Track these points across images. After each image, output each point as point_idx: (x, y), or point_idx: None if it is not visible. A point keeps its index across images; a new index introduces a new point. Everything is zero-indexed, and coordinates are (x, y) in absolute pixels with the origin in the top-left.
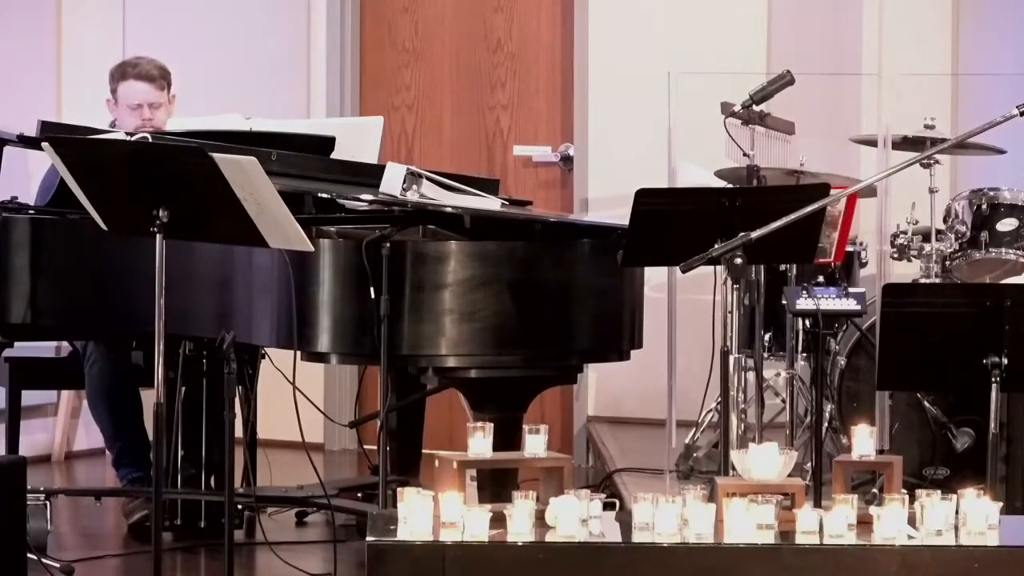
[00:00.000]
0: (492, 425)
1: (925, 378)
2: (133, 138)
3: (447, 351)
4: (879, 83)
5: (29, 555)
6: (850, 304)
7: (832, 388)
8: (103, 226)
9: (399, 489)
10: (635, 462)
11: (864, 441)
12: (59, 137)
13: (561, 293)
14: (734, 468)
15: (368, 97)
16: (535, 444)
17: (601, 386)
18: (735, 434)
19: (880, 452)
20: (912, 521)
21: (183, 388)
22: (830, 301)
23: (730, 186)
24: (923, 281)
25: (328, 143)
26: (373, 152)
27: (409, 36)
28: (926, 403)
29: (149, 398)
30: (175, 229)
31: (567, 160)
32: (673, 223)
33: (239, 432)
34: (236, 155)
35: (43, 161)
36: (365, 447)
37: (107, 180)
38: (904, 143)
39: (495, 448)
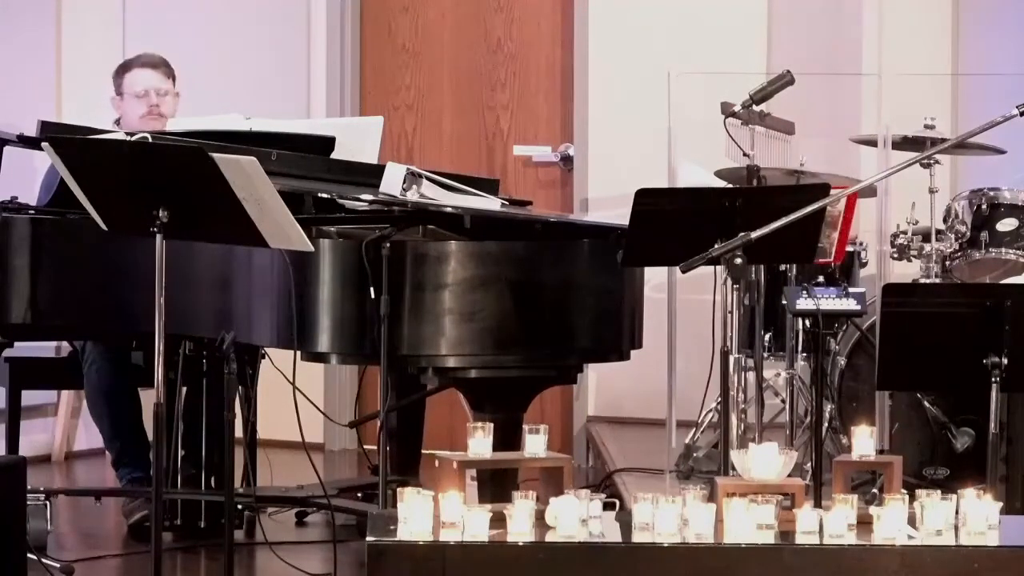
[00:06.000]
0: (492, 425)
1: (925, 378)
2: (133, 138)
3: (447, 351)
4: (879, 83)
5: (29, 555)
6: (850, 304)
7: (832, 388)
8: (103, 226)
9: (399, 489)
10: (635, 462)
11: (864, 441)
12: (59, 137)
13: (561, 293)
14: (734, 468)
15: (368, 97)
16: (535, 444)
17: (601, 386)
18: (735, 434)
19: (880, 452)
20: (912, 521)
21: (183, 388)
22: (830, 301)
23: (730, 186)
24: (923, 281)
25: (328, 143)
26: (373, 152)
27: (409, 36)
28: (926, 403)
29: (149, 398)
30: (175, 229)
31: (567, 160)
32: (673, 223)
33: (239, 432)
34: (236, 155)
35: (44, 161)
36: (365, 447)
37: (107, 180)
38: (904, 143)
39: (495, 448)
